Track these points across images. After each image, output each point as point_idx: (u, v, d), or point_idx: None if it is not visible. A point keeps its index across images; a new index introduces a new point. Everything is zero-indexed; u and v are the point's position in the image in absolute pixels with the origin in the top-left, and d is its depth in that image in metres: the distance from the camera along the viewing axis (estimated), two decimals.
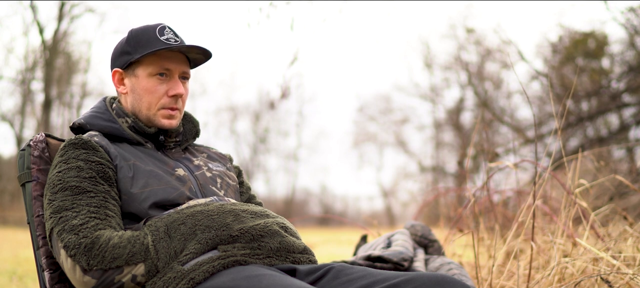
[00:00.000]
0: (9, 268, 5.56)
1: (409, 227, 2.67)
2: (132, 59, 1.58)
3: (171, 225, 1.38)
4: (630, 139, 7.42)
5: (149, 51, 1.55)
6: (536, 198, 2.51)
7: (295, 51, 5.77)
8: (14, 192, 19.75)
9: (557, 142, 3.01)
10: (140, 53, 1.56)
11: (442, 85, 22.97)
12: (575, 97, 8.10)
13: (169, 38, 1.58)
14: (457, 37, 20.77)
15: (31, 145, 1.59)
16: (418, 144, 29.73)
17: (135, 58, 1.57)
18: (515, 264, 2.77)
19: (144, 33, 1.59)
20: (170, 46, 1.54)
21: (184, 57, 1.63)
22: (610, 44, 9.36)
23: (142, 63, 1.58)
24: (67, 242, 1.33)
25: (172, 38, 1.58)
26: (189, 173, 1.58)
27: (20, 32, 21.62)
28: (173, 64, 1.59)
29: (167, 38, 1.57)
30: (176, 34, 1.61)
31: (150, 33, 1.58)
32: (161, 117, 1.60)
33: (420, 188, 18.92)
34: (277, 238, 1.42)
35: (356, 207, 29.48)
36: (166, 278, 1.31)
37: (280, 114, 27.06)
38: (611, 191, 4.19)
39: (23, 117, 20.91)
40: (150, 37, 1.57)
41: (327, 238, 12.74)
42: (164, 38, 1.57)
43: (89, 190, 1.42)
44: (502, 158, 7.74)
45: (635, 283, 2.07)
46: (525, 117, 13.49)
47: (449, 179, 20.93)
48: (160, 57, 1.58)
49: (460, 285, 1.21)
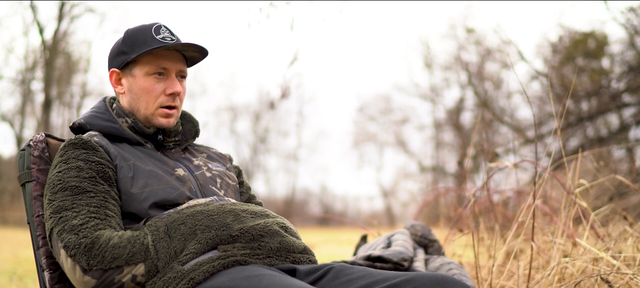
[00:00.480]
0: (9, 268, 5.56)
1: (409, 227, 2.67)
2: (129, 58, 1.58)
3: (171, 225, 1.38)
4: (630, 139, 7.42)
5: (145, 50, 1.55)
6: (536, 198, 2.50)
7: (295, 51, 5.77)
8: (14, 192, 19.75)
9: (557, 142, 3.01)
10: (136, 52, 1.56)
11: (442, 85, 22.99)
12: (575, 97, 8.10)
13: (165, 37, 1.58)
14: (457, 37, 20.79)
15: (31, 145, 1.59)
16: (418, 143, 29.74)
17: (132, 58, 1.57)
18: (515, 264, 2.77)
19: (140, 32, 1.58)
20: (167, 45, 1.54)
21: (181, 55, 1.63)
22: (610, 44, 9.36)
23: (139, 62, 1.58)
24: (67, 242, 1.33)
25: (168, 37, 1.58)
26: (188, 173, 1.58)
27: (20, 32, 21.65)
28: (170, 63, 1.59)
29: (163, 37, 1.57)
30: (172, 32, 1.61)
31: (146, 32, 1.58)
32: (159, 116, 1.60)
33: (420, 188, 18.93)
34: (277, 238, 1.42)
35: (356, 207, 29.49)
36: (166, 278, 1.31)
37: (280, 114, 27.09)
38: (611, 191, 4.20)
39: (23, 117, 20.92)
40: (146, 36, 1.57)
41: (327, 238, 12.75)
42: (160, 37, 1.57)
43: (88, 190, 1.42)
44: (502, 158, 7.74)
45: (635, 283, 2.07)
46: (525, 117, 13.50)
47: (449, 179, 20.94)
48: (157, 56, 1.58)
49: (460, 285, 1.21)
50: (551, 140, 5.69)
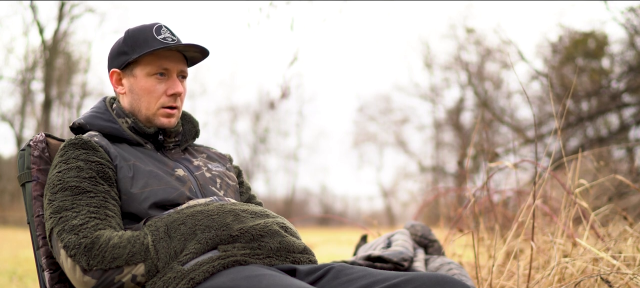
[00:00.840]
0: (9, 268, 5.56)
1: (409, 227, 2.66)
2: (129, 59, 1.58)
3: (171, 225, 1.38)
4: (630, 139, 7.42)
5: (146, 51, 1.54)
6: (536, 198, 2.50)
7: (295, 51, 5.76)
8: (14, 192, 19.75)
9: (557, 142, 3.01)
10: (138, 53, 1.56)
11: (442, 85, 22.99)
12: (575, 97, 8.10)
13: (166, 37, 1.57)
14: (457, 37, 20.79)
15: (31, 145, 1.59)
16: (418, 143, 29.74)
17: (133, 58, 1.57)
18: (515, 264, 2.77)
19: (140, 33, 1.58)
20: (168, 45, 1.54)
21: (182, 55, 1.63)
22: (610, 44, 9.36)
23: (140, 63, 1.58)
24: (67, 242, 1.33)
25: (169, 37, 1.58)
26: (188, 173, 1.58)
27: (20, 32, 21.65)
28: (171, 63, 1.59)
29: (164, 37, 1.57)
30: (173, 32, 1.61)
31: (147, 33, 1.58)
32: (160, 116, 1.60)
33: (420, 188, 18.93)
34: (277, 238, 1.42)
35: (356, 207, 29.50)
36: (166, 278, 1.31)
37: (280, 114, 27.09)
38: (611, 191, 4.20)
39: (23, 117, 20.92)
40: (147, 36, 1.57)
41: (327, 238, 12.75)
42: (161, 37, 1.57)
43: (88, 190, 1.42)
44: (502, 158, 7.74)
45: (635, 283, 2.07)
46: (525, 117, 13.50)
47: (449, 179, 20.93)
48: (158, 56, 1.58)
49: (460, 285, 1.21)
50: (551, 140, 5.69)
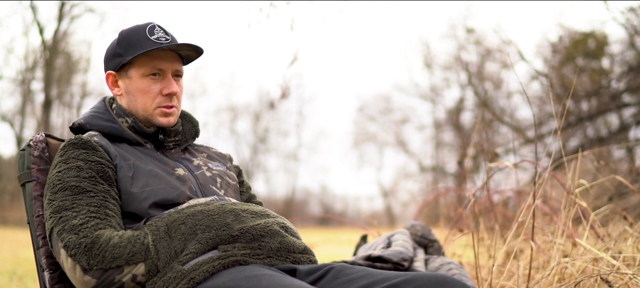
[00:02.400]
0: (9, 268, 5.56)
1: (409, 227, 2.66)
2: (124, 60, 1.57)
3: (171, 224, 1.38)
4: (630, 139, 7.42)
5: (140, 52, 1.54)
6: (536, 198, 2.50)
7: (295, 51, 5.77)
8: (14, 192, 19.75)
9: (557, 142, 3.01)
10: (132, 54, 1.56)
11: (442, 85, 22.99)
12: (575, 97, 8.10)
13: (160, 37, 1.57)
14: (457, 37, 20.79)
15: (31, 145, 1.59)
16: (418, 143, 29.71)
17: (127, 60, 1.57)
18: (515, 264, 2.77)
19: (134, 34, 1.58)
20: (162, 45, 1.54)
21: (176, 54, 1.62)
22: (610, 44, 9.36)
23: (134, 64, 1.58)
24: (67, 242, 1.33)
25: (163, 37, 1.58)
26: (188, 173, 1.58)
27: (20, 32, 21.66)
28: (165, 63, 1.59)
29: (157, 37, 1.57)
30: (166, 32, 1.60)
31: (140, 33, 1.57)
32: (158, 116, 1.60)
33: (420, 188, 18.96)
34: (277, 238, 1.42)
35: (356, 207, 29.50)
36: (166, 278, 1.31)
37: (280, 114, 27.08)
38: (611, 191, 4.20)
39: (23, 117, 20.92)
40: (140, 37, 1.56)
41: (327, 238, 12.74)
42: (155, 37, 1.56)
43: (88, 190, 1.42)
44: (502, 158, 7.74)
45: (635, 283, 2.07)
46: (525, 117, 13.50)
47: (449, 179, 20.93)
48: (152, 57, 1.57)
49: (460, 285, 1.21)
50: (551, 140, 5.69)
